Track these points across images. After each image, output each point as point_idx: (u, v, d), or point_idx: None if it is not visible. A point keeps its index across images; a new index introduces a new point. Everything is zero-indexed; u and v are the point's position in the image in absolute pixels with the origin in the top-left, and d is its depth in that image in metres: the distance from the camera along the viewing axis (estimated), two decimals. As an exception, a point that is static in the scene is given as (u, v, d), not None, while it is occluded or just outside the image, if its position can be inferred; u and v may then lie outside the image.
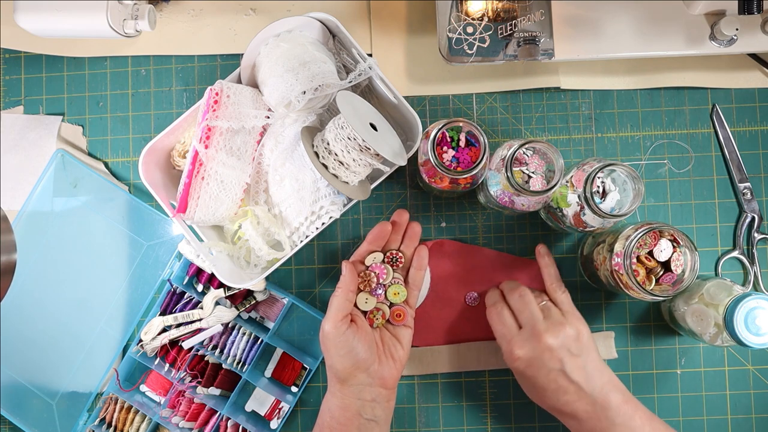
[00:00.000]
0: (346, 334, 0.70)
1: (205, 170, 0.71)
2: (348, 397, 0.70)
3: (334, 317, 0.70)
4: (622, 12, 0.77)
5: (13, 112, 0.85)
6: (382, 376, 0.71)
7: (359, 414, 0.70)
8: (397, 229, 0.77)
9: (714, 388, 0.80)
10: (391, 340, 0.74)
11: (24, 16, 0.73)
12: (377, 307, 0.74)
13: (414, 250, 0.77)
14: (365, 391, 0.71)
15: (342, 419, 0.70)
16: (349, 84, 0.72)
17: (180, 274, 0.81)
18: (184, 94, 0.84)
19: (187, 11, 0.84)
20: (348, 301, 0.72)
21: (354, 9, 0.83)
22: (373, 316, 0.74)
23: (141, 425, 0.80)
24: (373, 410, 0.71)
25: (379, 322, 0.74)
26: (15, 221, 0.83)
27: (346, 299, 0.72)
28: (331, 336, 0.70)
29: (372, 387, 0.71)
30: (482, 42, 0.75)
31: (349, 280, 0.73)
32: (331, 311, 0.71)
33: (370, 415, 0.71)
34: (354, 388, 0.71)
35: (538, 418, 0.80)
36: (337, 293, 0.72)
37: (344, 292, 0.72)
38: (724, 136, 0.82)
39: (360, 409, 0.70)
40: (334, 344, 0.70)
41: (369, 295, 0.74)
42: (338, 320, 0.70)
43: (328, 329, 0.70)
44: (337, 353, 0.70)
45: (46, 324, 0.83)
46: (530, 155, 0.70)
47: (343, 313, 0.71)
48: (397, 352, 0.74)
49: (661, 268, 0.70)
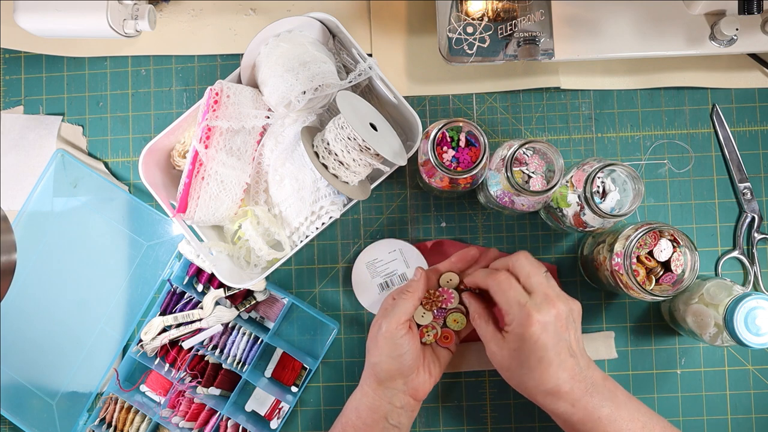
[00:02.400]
0: (402, 338, 0.70)
1: (205, 170, 0.71)
2: (380, 399, 0.71)
3: (396, 319, 0.70)
4: (622, 12, 0.77)
5: (13, 112, 0.85)
6: (416, 387, 0.72)
7: (386, 418, 0.71)
8: (481, 261, 0.76)
9: (714, 388, 0.80)
10: (432, 356, 0.74)
11: (24, 16, 0.73)
12: (432, 324, 0.74)
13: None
14: (397, 397, 0.71)
15: (368, 420, 0.71)
16: (349, 84, 0.72)
17: (180, 274, 0.81)
18: (184, 94, 0.84)
19: (187, 11, 0.84)
20: (414, 307, 0.72)
21: (354, 9, 0.83)
22: (426, 331, 0.74)
23: (141, 425, 0.80)
24: (399, 417, 0.71)
25: (429, 339, 0.74)
26: (15, 221, 0.83)
27: (412, 305, 0.71)
28: (388, 336, 0.70)
29: (404, 395, 0.71)
30: (482, 42, 0.75)
31: (420, 287, 0.72)
32: (396, 312, 0.70)
33: (395, 421, 0.71)
34: (388, 392, 0.71)
35: (538, 418, 0.80)
36: (405, 296, 0.71)
37: (413, 298, 0.71)
38: (724, 136, 0.82)
39: (388, 414, 0.71)
40: (387, 344, 0.70)
41: (426, 311, 0.74)
42: (400, 323, 0.70)
43: (386, 328, 0.70)
44: (388, 354, 0.70)
45: (46, 324, 0.83)
46: (530, 155, 0.70)
47: (406, 317, 0.71)
48: (435, 369, 0.74)
49: (661, 268, 0.70)
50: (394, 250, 0.80)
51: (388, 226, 0.82)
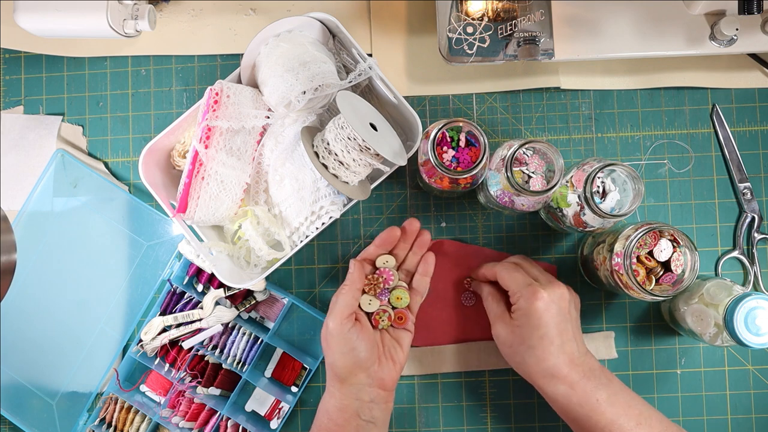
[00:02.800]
0: (350, 332, 0.70)
1: (205, 170, 0.71)
2: (347, 397, 0.70)
3: (339, 314, 0.70)
4: (622, 12, 0.77)
5: (13, 112, 0.85)
6: (382, 378, 0.71)
7: (357, 415, 0.70)
8: (406, 236, 0.77)
9: (714, 388, 0.80)
10: (392, 342, 0.74)
11: (24, 16, 0.73)
12: (383, 308, 0.74)
13: (421, 257, 0.77)
14: (364, 392, 0.71)
15: (339, 420, 0.70)
16: (349, 84, 0.72)
17: (180, 274, 0.81)
18: (184, 94, 0.84)
19: (187, 11, 0.84)
20: (354, 299, 0.72)
21: (354, 9, 0.83)
22: (379, 317, 0.74)
23: (141, 425, 0.80)
24: (371, 411, 0.71)
25: (385, 323, 0.74)
26: (15, 221, 0.83)
27: (352, 297, 0.71)
28: (335, 333, 0.70)
29: (371, 388, 0.71)
30: (482, 42, 0.75)
31: (356, 278, 0.72)
32: (336, 308, 0.70)
33: (368, 416, 0.70)
34: (353, 388, 0.70)
35: (538, 418, 0.80)
36: (343, 290, 0.72)
37: (351, 290, 0.72)
38: (724, 136, 0.82)
39: (358, 410, 0.70)
40: (336, 341, 0.70)
41: (373, 297, 0.74)
42: (344, 317, 0.70)
43: (332, 326, 0.70)
44: (340, 351, 0.70)
45: (46, 324, 0.83)
46: (530, 155, 0.70)
47: (349, 310, 0.71)
48: (397, 355, 0.73)
49: (661, 268, 0.70)
50: (394, 250, 0.80)
51: (388, 226, 0.82)
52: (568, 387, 0.67)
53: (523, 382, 0.80)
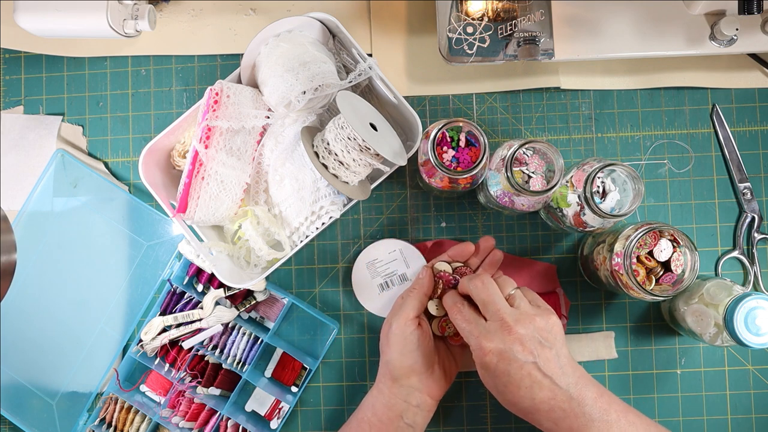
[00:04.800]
0: (412, 334, 0.70)
1: (205, 170, 0.71)
2: (396, 396, 0.71)
3: (405, 315, 0.71)
4: (622, 12, 0.77)
5: (13, 112, 0.85)
6: (431, 386, 0.72)
7: (401, 416, 0.71)
8: (480, 253, 0.77)
9: (714, 388, 0.80)
10: (447, 354, 0.75)
11: (24, 16, 0.73)
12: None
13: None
14: (412, 396, 0.71)
15: (384, 417, 0.71)
16: (349, 84, 0.72)
17: (180, 274, 0.81)
18: (184, 94, 0.84)
19: (187, 11, 0.84)
20: (421, 303, 0.73)
21: (354, 9, 0.83)
22: (446, 324, 0.75)
23: (141, 425, 0.80)
24: (414, 416, 0.71)
25: (452, 330, 0.75)
26: (15, 221, 0.83)
27: (419, 301, 0.73)
28: (397, 332, 0.71)
29: (420, 393, 0.71)
30: (482, 42, 0.75)
31: (426, 283, 0.74)
32: (404, 309, 0.71)
33: (410, 420, 0.71)
34: (403, 390, 0.71)
35: (538, 418, 0.80)
36: (412, 294, 0.73)
37: (419, 294, 0.73)
38: (724, 136, 0.82)
39: (403, 412, 0.71)
40: (397, 341, 0.70)
41: (440, 303, 0.74)
42: (409, 318, 0.71)
43: (395, 326, 0.71)
44: (399, 351, 0.70)
45: (46, 324, 0.83)
46: (530, 155, 0.70)
47: (415, 313, 0.72)
48: (450, 367, 0.74)
49: (661, 268, 0.70)
50: (394, 251, 0.80)
51: (388, 226, 0.82)
52: (552, 423, 0.65)
53: (523, 382, 0.80)
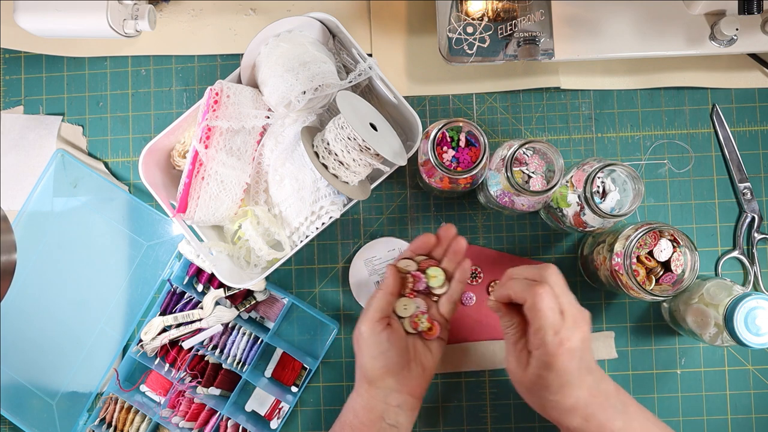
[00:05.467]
0: (381, 335, 0.69)
1: (205, 170, 0.71)
2: (374, 398, 0.70)
3: (372, 317, 0.70)
4: (622, 12, 0.77)
5: (13, 112, 0.85)
6: (410, 384, 0.71)
7: (382, 417, 0.70)
8: (441, 243, 0.75)
9: (714, 388, 0.80)
10: (423, 349, 0.73)
11: (24, 16, 0.73)
12: (419, 311, 0.73)
13: (457, 265, 0.75)
14: (392, 396, 0.70)
15: (365, 420, 0.70)
16: (349, 84, 0.72)
17: (180, 274, 0.81)
18: (184, 94, 0.84)
19: (187, 11, 0.84)
20: (388, 303, 0.71)
21: (354, 9, 0.83)
22: (418, 320, 0.73)
23: (141, 425, 0.80)
24: (396, 416, 0.70)
25: (425, 325, 0.73)
26: (15, 221, 0.83)
27: (386, 301, 0.71)
28: (366, 336, 0.69)
29: (400, 393, 0.70)
30: (482, 42, 0.75)
31: (391, 282, 0.72)
32: (370, 311, 0.70)
33: (393, 420, 0.70)
34: (381, 391, 0.70)
35: (538, 418, 0.80)
36: (377, 294, 0.71)
37: (385, 294, 0.71)
38: (724, 136, 0.82)
39: (384, 413, 0.70)
40: (367, 345, 0.69)
41: (409, 301, 0.73)
42: (375, 320, 0.70)
43: (364, 329, 0.69)
44: (370, 354, 0.69)
45: (46, 324, 0.83)
46: (530, 155, 0.70)
47: (382, 314, 0.70)
48: (428, 362, 0.73)
49: (661, 268, 0.70)
50: (393, 249, 0.80)
51: (388, 226, 0.82)
52: (583, 420, 0.64)
53: (523, 382, 0.80)
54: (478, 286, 0.81)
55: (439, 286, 0.73)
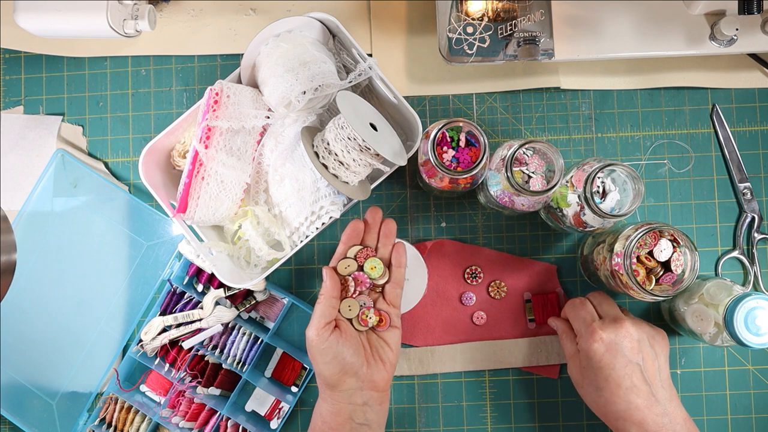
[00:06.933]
0: (329, 340, 0.69)
1: (205, 170, 0.71)
2: (339, 401, 0.70)
3: (317, 324, 0.69)
4: (622, 12, 0.77)
5: (13, 112, 0.85)
6: (372, 379, 0.70)
7: (351, 418, 0.69)
8: (370, 227, 0.75)
9: (714, 388, 0.80)
10: (378, 342, 0.73)
11: (24, 16, 0.73)
12: (366, 307, 0.73)
13: (392, 248, 0.75)
14: (356, 396, 0.70)
15: (334, 424, 0.69)
16: (349, 84, 0.72)
17: (180, 274, 0.81)
18: (184, 94, 0.84)
19: (187, 11, 0.84)
20: (331, 307, 0.71)
21: (354, 9, 0.83)
22: (366, 316, 0.73)
23: (141, 425, 0.80)
24: (365, 414, 0.70)
25: (374, 320, 0.73)
26: (15, 221, 0.83)
27: (329, 305, 0.71)
28: (315, 343, 0.69)
29: (362, 391, 0.70)
30: (482, 42, 0.75)
31: (330, 286, 0.71)
32: (314, 318, 0.70)
33: (362, 419, 0.70)
34: (344, 394, 0.70)
35: (539, 419, 0.80)
36: (320, 300, 0.71)
37: (327, 299, 0.71)
38: (724, 136, 0.82)
39: (351, 414, 0.69)
40: (318, 351, 0.69)
41: (353, 302, 0.73)
42: (321, 327, 0.69)
43: (311, 336, 0.69)
44: (323, 360, 0.69)
45: (46, 324, 0.83)
46: (530, 155, 0.70)
47: (326, 319, 0.70)
48: (386, 354, 0.72)
49: (661, 268, 0.70)
50: (394, 250, 0.80)
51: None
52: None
53: (524, 382, 0.80)
54: (478, 286, 0.81)
55: (380, 276, 0.73)
